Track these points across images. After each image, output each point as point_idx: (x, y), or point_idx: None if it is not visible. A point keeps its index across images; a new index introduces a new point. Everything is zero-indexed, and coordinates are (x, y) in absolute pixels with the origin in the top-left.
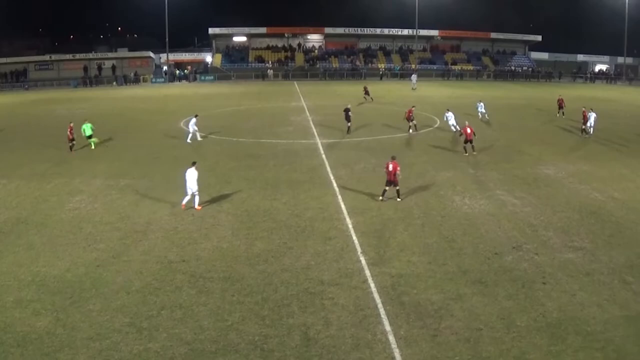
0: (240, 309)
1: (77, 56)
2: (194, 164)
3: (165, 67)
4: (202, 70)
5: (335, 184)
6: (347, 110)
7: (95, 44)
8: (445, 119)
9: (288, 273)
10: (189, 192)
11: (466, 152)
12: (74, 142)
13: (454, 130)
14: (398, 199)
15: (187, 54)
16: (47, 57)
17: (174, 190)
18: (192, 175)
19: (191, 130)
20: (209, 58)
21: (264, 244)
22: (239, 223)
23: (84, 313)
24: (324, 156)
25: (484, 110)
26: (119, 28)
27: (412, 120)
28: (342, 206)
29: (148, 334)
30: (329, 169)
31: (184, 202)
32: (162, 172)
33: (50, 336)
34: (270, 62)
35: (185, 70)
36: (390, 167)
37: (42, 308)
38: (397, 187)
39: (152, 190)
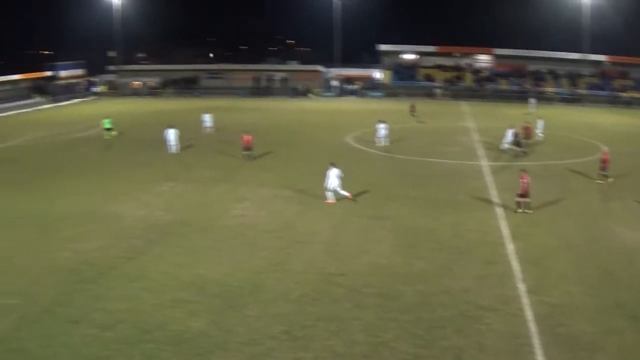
0: (394, 326)
1: (248, 67)
2: (333, 164)
3: (334, 82)
4: (370, 86)
5: (498, 208)
6: (515, 135)
7: (265, 56)
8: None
9: (446, 295)
10: (331, 188)
11: (601, 181)
12: (250, 151)
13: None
14: (530, 211)
15: (356, 69)
16: (218, 66)
17: (338, 204)
18: (334, 174)
19: (380, 135)
20: (377, 74)
21: (424, 264)
22: (400, 240)
23: (241, 318)
24: (489, 178)
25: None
26: (289, 41)
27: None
28: (504, 231)
29: (302, 343)
30: (492, 192)
31: (329, 198)
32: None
33: (204, 337)
34: (439, 81)
35: (354, 86)
36: (527, 180)
37: (199, 309)
38: (529, 200)
39: (316, 202)
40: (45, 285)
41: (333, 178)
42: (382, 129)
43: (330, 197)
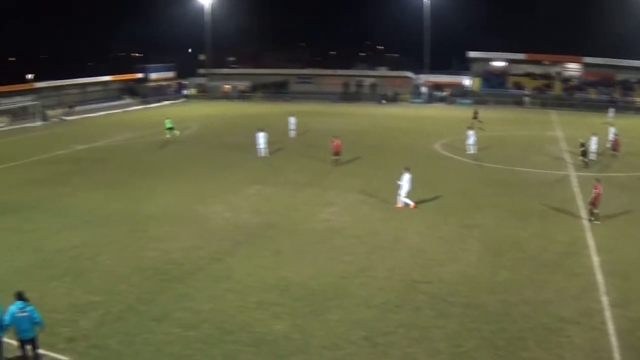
0: (476, 336)
1: (338, 72)
2: (407, 169)
3: (423, 88)
4: (459, 93)
5: (584, 219)
6: (582, 145)
7: (354, 61)
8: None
9: (528, 306)
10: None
11: None
12: (339, 156)
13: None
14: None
15: (445, 76)
16: (308, 71)
17: (424, 211)
18: (406, 179)
19: (471, 141)
20: (466, 81)
21: (508, 274)
22: (486, 250)
23: (323, 322)
24: (575, 189)
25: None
26: (379, 46)
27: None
28: (590, 242)
29: (382, 350)
30: (579, 203)
31: (404, 202)
32: (413, 193)
33: (285, 340)
34: (528, 89)
35: (443, 92)
36: (600, 190)
37: (282, 312)
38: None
39: (402, 209)
40: (131, 283)
41: (405, 183)
42: (471, 136)
43: (411, 202)
